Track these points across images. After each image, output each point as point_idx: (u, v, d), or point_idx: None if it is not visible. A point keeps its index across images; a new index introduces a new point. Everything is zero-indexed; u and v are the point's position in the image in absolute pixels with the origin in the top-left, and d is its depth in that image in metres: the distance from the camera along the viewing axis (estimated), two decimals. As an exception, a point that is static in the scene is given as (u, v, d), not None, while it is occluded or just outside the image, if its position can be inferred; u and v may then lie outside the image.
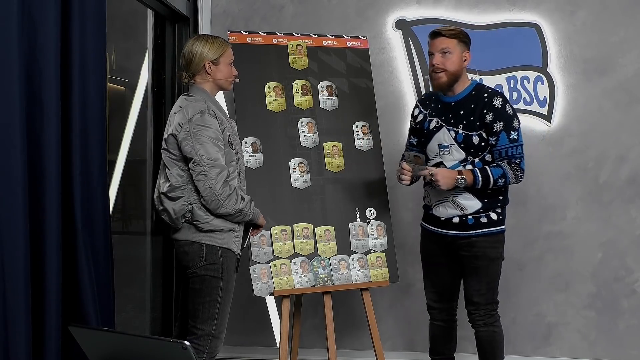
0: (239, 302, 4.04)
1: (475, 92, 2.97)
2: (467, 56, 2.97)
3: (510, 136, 2.89)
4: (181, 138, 2.66)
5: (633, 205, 3.80)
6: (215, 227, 2.69)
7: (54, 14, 2.48)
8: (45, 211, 2.47)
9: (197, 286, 2.71)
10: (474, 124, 2.91)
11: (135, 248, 2.83)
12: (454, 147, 2.94)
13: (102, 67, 2.82)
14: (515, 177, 2.90)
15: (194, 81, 2.81)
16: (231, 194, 2.65)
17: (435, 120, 3.02)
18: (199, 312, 2.69)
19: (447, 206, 2.98)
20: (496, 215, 2.97)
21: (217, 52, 2.79)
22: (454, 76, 2.94)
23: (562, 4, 3.84)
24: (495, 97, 2.92)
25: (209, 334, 2.69)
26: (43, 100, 2.46)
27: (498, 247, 3.00)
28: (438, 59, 2.92)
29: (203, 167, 2.62)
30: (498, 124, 2.88)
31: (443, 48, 2.93)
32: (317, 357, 3.78)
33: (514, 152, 2.90)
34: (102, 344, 1.89)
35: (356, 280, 3.19)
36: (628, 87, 3.79)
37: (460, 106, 2.96)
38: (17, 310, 2.29)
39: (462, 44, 2.96)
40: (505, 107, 2.90)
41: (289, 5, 4.04)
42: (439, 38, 2.95)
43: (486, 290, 3.00)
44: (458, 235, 2.98)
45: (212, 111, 2.68)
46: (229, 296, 2.75)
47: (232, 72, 2.85)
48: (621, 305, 3.82)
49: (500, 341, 3.06)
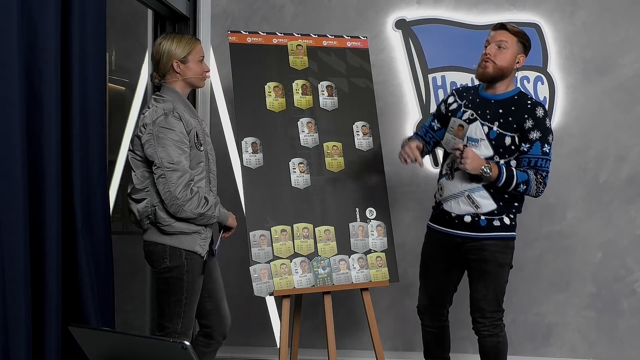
0: (239, 302, 4.05)
1: (518, 97, 2.91)
2: (521, 59, 2.91)
3: (544, 148, 2.83)
4: (144, 140, 2.64)
5: (633, 205, 3.80)
6: (179, 230, 2.69)
7: (54, 14, 2.48)
8: (45, 211, 2.47)
9: (162, 287, 2.73)
10: (511, 125, 2.84)
11: (135, 248, 2.83)
12: (483, 142, 2.86)
13: (102, 67, 2.82)
14: (537, 189, 2.84)
15: (164, 81, 2.79)
16: (192, 197, 2.63)
17: (470, 112, 2.92)
18: (165, 310, 2.72)
19: (461, 202, 2.90)
20: (509, 220, 2.91)
21: (185, 50, 2.75)
22: (500, 71, 2.86)
23: (562, 4, 3.84)
24: (538, 107, 2.87)
25: (176, 331, 2.72)
26: (43, 100, 2.46)
27: (508, 254, 2.93)
28: (491, 49, 2.87)
29: (164, 171, 2.60)
30: (535, 132, 2.82)
31: (500, 40, 2.87)
32: (317, 357, 3.78)
33: (542, 165, 2.84)
34: (102, 344, 1.89)
35: (356, 280, 3.19)
36: (628, 87, 3.79)
37: (500, 105, 2.89)
38: (17, 310, 2.29)
39: (520, 44, 2.90)
40: (545, 119, 2.85)
41: (289, 5, 4.04)
42: (501, 30, 2.89)
43: (492, 297, 2.92)
44: (469, 236, 2.90)
45: (177, 113, 2.65)
46: (195, 296, 2.76)
47: (202, 69, 2.81)
48: (621, 305, 3.82)
49: (504, 350, 3.00)
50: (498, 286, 2.92)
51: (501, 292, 2.95)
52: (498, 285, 2.92)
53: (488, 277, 2.91)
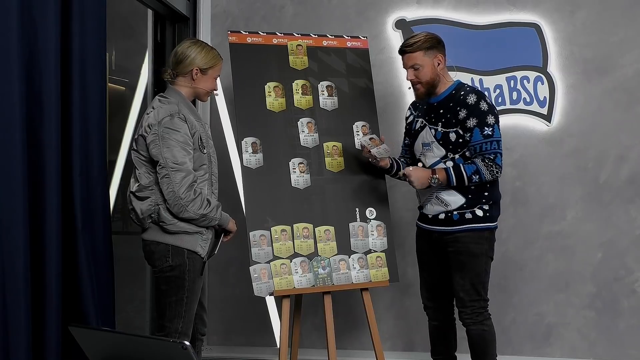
0: (239, 302, 4.05)
1: (455, 91, 3.04)
2: (441, 59, 3.03)
3: (484, 132, 2.93)
4: (149, 140, 2.66)
5: (633, 205, 3.80)
6: (181, 229, 2.70)
7: (54, 14, 2.48)
8: (45, 211, 2.47)
9: (162, 287, 2.73)
10: (450, 121, 2.98)
11: (135, 248, 2.83)
12: (434, 144, 3.04)
13: (102, 67, 2.82)
14: (490, 172, 2.93)
15: (175, 81, 2.81)
16: (195, 198, 2.65)
17: (420, 121, 3.13)
18: (166, 310, 2.72)
19: (433, 203, 3.06)
20: (482, 212, 3.01)
21: (210, 63, 2.81)
22: (429, 84, 3.04)
23: (562, 4, 3.84)
24: (470, 94, 2.98)
25: (176, 330, 2.72)
26: (43, 100, 2.46)
27: (482, 244, 3.01)
28: (411, 74, 3.04)
29: (168, 171, 2.62)
30: (471, 120, 2.94)
31: (412, 64, 3.02)
32: (317, 357, 3.78)
33: (488, 148, 2.94)
34: (102, 344, 1.89)
35: (356, 280, 3.19)
36: (628, 87, 3.79)
37: (441, 105, 3.04)
38: (17, 310, 2.29)
39: (429, 51, 3.00)
40: (479, 103, 2.95)
41: (289, 5, 4.04)
42: (405, 55, 3.04)
43: (470, 287, 3.01)
44: (443, 230, 3.05)
45: (182, 115, 2.68)
46: (196, 295, 2.77)
47: (214, 86, 2.87)
48: (621, 305, 3.82)
49: (490, 340, 3.06)
50: (475, 276, 3.02)
51: (479, 282, 3.03)
52: (474, 275, 3.02)
53: (463, 268, 3.02)
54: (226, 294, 4.09)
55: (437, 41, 3.03)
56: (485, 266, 3.05)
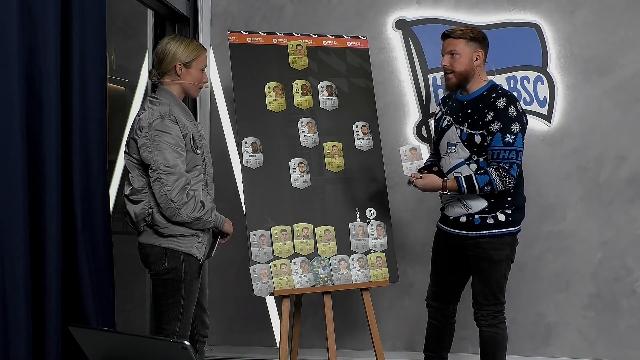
0: (239, 302, 4.05)
1: (487, 92, 2.97)
2: (481, 55, 2.97)
3: (505, 139, 2.85)
4: (140, 144, 2.62)
5: (633, 205, 3.80)
6: (176, 232, 2.67)
7: (54, 14, 2.48)
8: (45, 211, 2.47)
9: (159, 289, 2.72)
10: (477, 123, 2.91)
11: (135, 248, 2.83)
12: (459, 145, 2.98)
13: (102, 67, 2.82)
14: (503, 183, 2.86)
15: (162, 81, 2.77)
16: (188, 201, 2.61)
17: (447, 119, 3.06)
18: (164, 313, 2.71)
19: (455, 205, 3.03)
20: (504, 216, 2.96)
21: (191, 55, 2.74)
22: (462, 76, 2.96)
23: (562, 4, 3.84)
24: (501, 97, 2.90)
25: (174, 333, 2.70)
26: (43, 100, 2.46)
27: (504, 250, 2.98)
28: (446, 61, 2.97)
29: (159, 174, 2.59)
30: (495, 124, 2.87)
31: (451, 50, 2.95)
32: (317, 357, 3.78)
33: (505, 156, 2.86)
34: (102, 344, 1.89)
35: (356, 280, 3.19)
36: (628, 87, 3.79)
37: (470, 105, 2.97)
38: (17, 310, 2.29)
39: (472, 43, 2.95)
40: (507, 108, 2.87)
41: (289, 5, 4.04)
42: (447, 40, 2.98)
43: (488, 292, 3.00)
44: (465, 235, 3.01)
45: (173, 116, 2.63)
46: (193, 297, 2.75)
47: (202, 78, 2.80)
48: (621, 305, 3.82)
49: (502, 343, 3.05)
50: (494, 281, 3.00)
51: (498, 287, 3.01)
52: (494, 280, 3.00)
53: (482, 273, 3.01)
54: (226, 294, 4.09)
55: (482, 37, 2.98)
56: (505, 272, 3.02)
